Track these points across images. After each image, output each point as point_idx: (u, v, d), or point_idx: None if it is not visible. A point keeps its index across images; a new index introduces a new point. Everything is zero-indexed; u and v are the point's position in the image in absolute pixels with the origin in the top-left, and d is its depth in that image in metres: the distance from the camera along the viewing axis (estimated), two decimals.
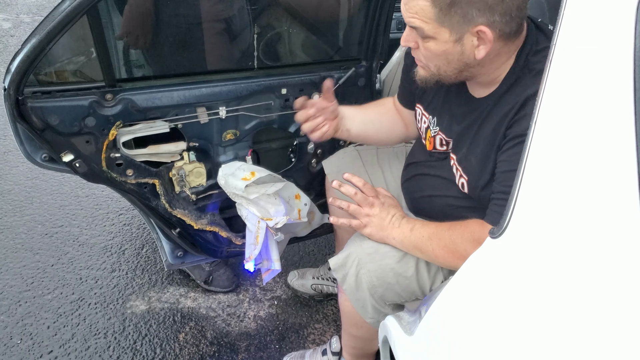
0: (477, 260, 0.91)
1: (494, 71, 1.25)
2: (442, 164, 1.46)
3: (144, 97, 1.55)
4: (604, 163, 0.70)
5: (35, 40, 1.32)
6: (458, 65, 1.23)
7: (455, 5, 1.12)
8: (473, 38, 1.17)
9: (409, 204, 1.62)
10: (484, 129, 1.28)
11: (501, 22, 1.13)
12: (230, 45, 1.75)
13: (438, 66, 1.26)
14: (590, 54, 0.75)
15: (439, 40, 1.19)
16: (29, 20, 5.24)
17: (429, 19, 1.16)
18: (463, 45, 1.18)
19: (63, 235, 2.55)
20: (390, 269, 1.41)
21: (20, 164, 3.03)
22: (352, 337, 1.74)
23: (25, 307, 2.16)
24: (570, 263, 0.71)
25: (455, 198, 1.42)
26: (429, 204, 1.51)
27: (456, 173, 1.38)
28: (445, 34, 1.17)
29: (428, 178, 1.50)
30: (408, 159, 1.64)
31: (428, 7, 1.15)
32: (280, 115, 1.80)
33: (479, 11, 1.12)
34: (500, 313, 0.80)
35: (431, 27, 1.17)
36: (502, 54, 1.22)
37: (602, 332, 0.65)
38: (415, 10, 1.17)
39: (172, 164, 1.73)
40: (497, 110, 1.25)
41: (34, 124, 1.42)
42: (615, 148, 0.69)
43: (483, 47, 1.16)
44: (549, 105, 0.81)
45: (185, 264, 2.06)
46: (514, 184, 0.85)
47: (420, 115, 1.54)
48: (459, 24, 1.15)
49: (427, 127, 1.50)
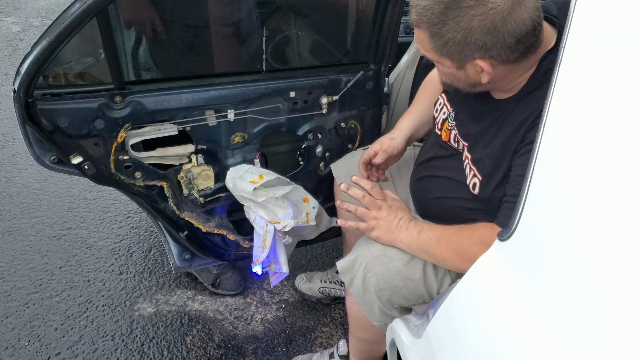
0: (485, 262, 0.90)
1: (510, 82, 1.26)
2: (453, 162, 1.45)
3: (152, 99, 1.56)
4: (613, 167, 0.69)
5: (45, 42, 1.33)
6: (467, 84, 1.28)
7: (448, 45, 1.16)
8: (475, 66, 1.19)
9: (417, 206, 1.62)
10: (502, 131, 1.28)
11: (500, 55, 1.15)
12: (238, 48, 1.76)
13: (452, 81, 1.32)
14: (600, 56, 0.75)
15: (443, 65, 1.25)
16: (38, 23, 5.28)
17: (429, 50, 1.22)
18: (466, 72, 1.23)
19: (71, 238, 2.56)
20: (398, 272, 1.40)
21: (29, 167, 3.05)
22: (360, 340, 1.73)
23: (33, 309, 2.16)
24: (576, 266, 0.71)
25: (465, 200, 1.41)
26: (438, 206, 1.50)
27: (469, 173, 1.38)
28: (447, 62, 1.22)
29: (438, 180, 1.50)
30: (419, 157, 1.64)
31: (426, 40, 1.21)
32: (288, 119, 1.81)
33: (472, 50, 1.15)
34: (507, 315, 0.80)
35: (434, 55, 1.24)
36: (514, 72, 1.23)
37: (609, 334, 0.64)
38: (419, 38, 1.23)
39: (180, 166, 1.73)
40: (516, 113, 1.25)
41: (43, 126, 1.43)
42: (626, 152, 0.68)
43: (485, 74, 1.19)
44: (558, 108, 0.81)
45: (193, 267, 2.06)
46: (523, 187, 0.85)
47: (441, 105, 1.54)
48: (456, 57, 1.19)
49: (445, 118, 1.50)
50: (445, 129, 1.50)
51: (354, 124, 1.95)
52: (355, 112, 1.93)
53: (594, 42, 0.76)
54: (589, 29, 0.77)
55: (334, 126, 1.91)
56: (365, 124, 1.98)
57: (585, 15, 0.78)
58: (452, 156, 1.46)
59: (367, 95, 1.91)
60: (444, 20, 1.13)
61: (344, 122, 1.92)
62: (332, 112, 1.87)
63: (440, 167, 1.50)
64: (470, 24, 1.10)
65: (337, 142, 1.96)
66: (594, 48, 0.76)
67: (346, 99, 1.87)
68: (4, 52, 4.64)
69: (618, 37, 0.72)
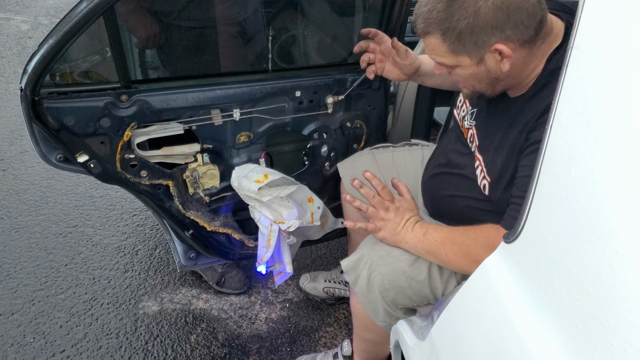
0: (490, 264, 0.90)
1: (528, 76, 1.26)
2: (468, 160, 1.44)
3: (158, 98, 1.56)
4: (620, 169, 0.69)
5: (52, 41, 1.33)
6: (489, 81, 1.26)
7: (462, 36, 1.16)
8: (494, 55, 1.18)
9: (428, 203, 1.61)
10: (511, 130, 1.28)
11: (515, 34, 1.14)
12: (244, 47, 1.76)
13: (473, 85, 1.30)
14: (609, 56, 0.74)
15: (463, 66, 1.23)
16: (47, 22, 5.30)
17: (446, 53, 1.21)
18: (487, 64, 1.21)
19: (77, 235, 2.57)
20: (403, 272, 1.40)
21: (36, 164, 3.06)
22: (364, 340, 1.73)
23: (39, 306, 2.17)
24: (583, 270, 0.70)
25: (476, 200, 1.41)
26: (449, 204, 1.50)
27: (480, 174, 1.37)
28: (466, 60, 1.21)
29: (453, 177, 1.49)
30: (434, 154, 1.64)
31: (440, 43, 1.20)
32: (294, 118, 1.81)
33: (487, 34, 1.14)
34: (512, 319, 0.79)
35: (451, 59, 1.23)
36: (531, 59, 1.22)
37: (613, 339, 0.64)
38: (431, 47, 1.23)
39: (186, 165, 1.73)
40: (524, 113, 1.25)
41: (49, 124, 1.44)
42: (632, 154, 0.68)
43: (506, 60, 1.18)
44: (565, 109, 0.80)
45: (198, 266, 2.06)
46: (529, 189, 0.84)
47: (461, 102, 1.54)
48: (474, 50, 1.18)
49: (464, 117, 1.49)
50: (463, 126, 1.49)
51: (360, 124, 1.95)
52: (361, 111, 1.92)
53: (602, 41, 0.76)
54: (597, 28, 0.77)
55: (340, 126, 1.91)
56: (371, 123, 1.97)
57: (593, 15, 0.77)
58: (468, 155, 1.45)
59: (373, 94, 1.91)
60: (451, 13, 1.13)
61: (349, 121, 1.92)
62: (337, 111, 1.87)
63: (456, 164, 1.49)
64: (476, 5, 1.11)
65: (342, 142, 1.96)
66: (602, 48, 0.75)
67: (352, 98, 1.86)
68: (12, 50, 4.67)
69: (625, 36, 0.72)
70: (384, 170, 1.79)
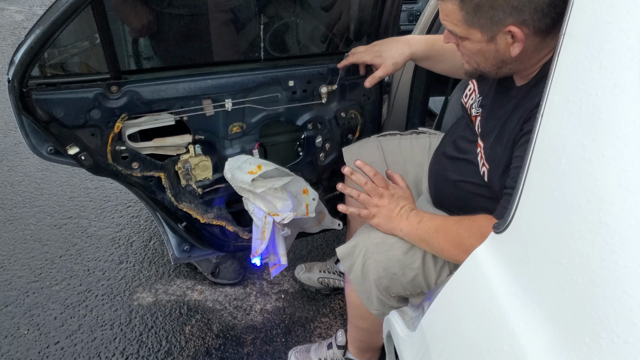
0: (480, 255, 0.89)
1: (534, 65, 1.24)
2: (474, 147, 1.43)
3: (149, 89, 1.54)
4: (609, 161, 0.68)
5: (39, 31, 1.31)
6: (495, 62, 1.24)
7: (480, 9, 1.13)
8: (506, 36, 1.16)
9: (432, 189, 1.60)
10: (511, 119, 1.27)
11: (532, 20, 1.11)
12: (236, 36, 1.74)
13: (477, 62, 1.28)
14: (600, 44, 0.73)
15: (472, 40, 1.21)
16: (41, 12, 5.24)
17: (459, 22, 1.18)
18: (497, 44, 1.19)
19: (72, 227, 2.56)
20: (397, 260, 1.39)
21: (30, 156, 3.04)
22: (358, 329, 1.73)
23: (33, 297, 2.17)
24: (572, 260, 0.69)
25: (479, 186, 1.40)
26: (453, 189, 1.49)
27: (480, 161, 1.36)
28: (477, 34, 1.18)
29: (457, 162, 1.49)
30: (443, 141, 1.63)
31: (456, 10, 1.17)
32: (287, 108, 1.79)
33: (505, 13, 1.11)
34: (500, 310, 0.78)
35: (462, 29, 1.19)
36: (540, 49, 1.19)
37: (602, 329, 0.63)
38: (446, 13, 1.20)
39: (178, 157, 1.72)
40: (524, 102, 1.24)
41: (38, 116, 1.42)
42: (622, 146, 0.67)
43: (517, 44, 1.16)
44: (557, 97, 0.79)
45: (192, 258, 2.05)
46: (519, 179, 0.84)
47: (471, 90, 1.53)
48: (488, 25, 1.15)
49: (472, 105, 1.48)
50: (472, 114, 1.49)
51: (355, 114, 1.93)
52: (355, 101, 1.91)
53: (593, 29, 0.74)
54: (589, 14, 0.76)
55: (334, 116, 1.89)
56: (366, 113, 1.96)
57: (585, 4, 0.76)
58: (475, 142, 1.44)
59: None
60: None
61: (344, 111, 1.90)
62: (332, 101, 1.85)
63: (463, 149, 1.48)
64: None
65: (337, 132, 1.94)
66: (593, 35, 0.74)
67: (346, 88, 1.85)
68: (7, 41, 4.64)
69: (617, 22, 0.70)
70: (389, 156, 1.78)
